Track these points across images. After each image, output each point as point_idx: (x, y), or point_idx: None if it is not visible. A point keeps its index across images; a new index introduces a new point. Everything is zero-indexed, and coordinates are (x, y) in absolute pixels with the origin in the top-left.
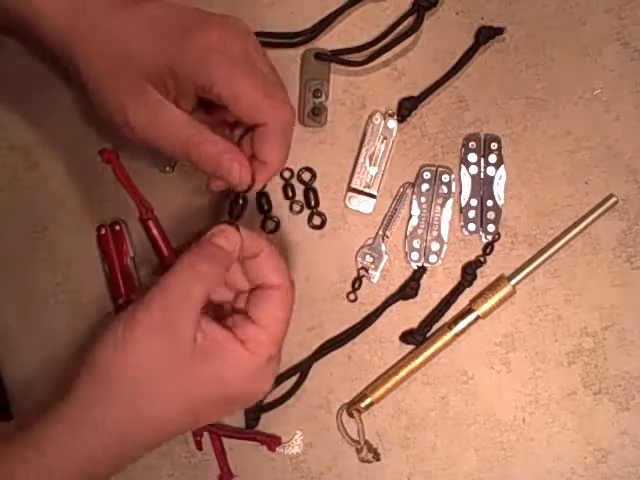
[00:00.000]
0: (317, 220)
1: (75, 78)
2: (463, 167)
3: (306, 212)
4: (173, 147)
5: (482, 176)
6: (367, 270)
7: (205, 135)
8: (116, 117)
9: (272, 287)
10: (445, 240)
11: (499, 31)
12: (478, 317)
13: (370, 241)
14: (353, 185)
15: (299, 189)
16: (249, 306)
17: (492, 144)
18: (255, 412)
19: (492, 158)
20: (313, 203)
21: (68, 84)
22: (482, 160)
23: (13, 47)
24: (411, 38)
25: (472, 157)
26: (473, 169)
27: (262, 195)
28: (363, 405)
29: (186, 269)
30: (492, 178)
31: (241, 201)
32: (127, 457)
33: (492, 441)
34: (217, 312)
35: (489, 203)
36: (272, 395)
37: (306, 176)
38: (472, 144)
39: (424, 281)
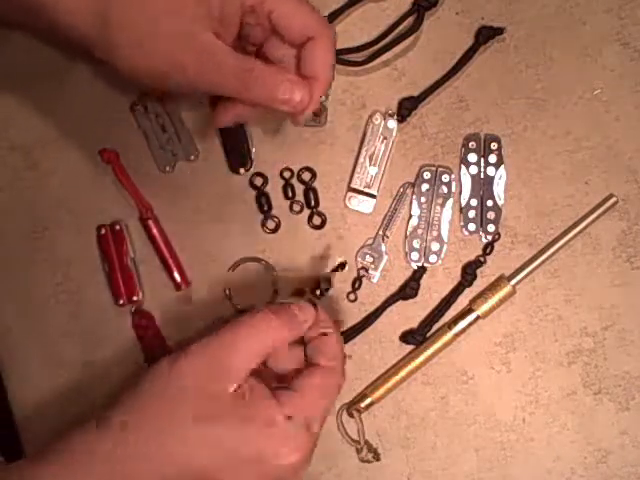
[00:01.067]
0: (317, 220)
1: (106, 37)
2: (463, 167)
3: (306, 212)
4: (227, 81)
5: (482, 176)
6: (367, 270)
7: (257, 62)
8: (165, 63)
9: (322, 367)
10: (445, 240)
11: (499, 31)
12: (478, 317)
13: (370, 241)
14: (353, 185)
15: (299, 189)
16: (294, 380)
17: (492, 144)
18: None
19: (492, 158)
20: (313, 203)
21: (83, 61)
22: (482, 160)
23: (13, 47)
24: (411, 38)
25: (472, 157)
26: (473, 169)
27: (262, 195)
28: (363, 405)
29: (259, 318)
30: (492, 178)
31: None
32: None
33: (492, 441)
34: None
35: (489, 203)
36: None
37: (306, 176)
38: (472, 144)
39: (424, 281)
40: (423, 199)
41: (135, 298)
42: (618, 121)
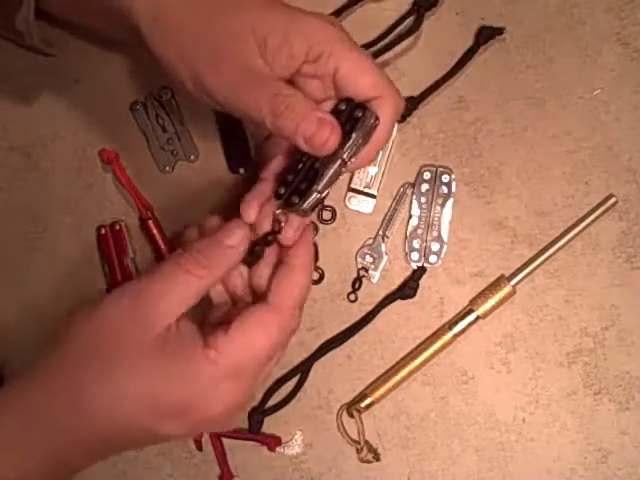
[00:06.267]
0: (327, 215)
1: (150, 33)
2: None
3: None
4: (258, 100)
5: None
6: (367, 270)
7: (296, 91)
8: (205, 71)
9: (270, 305)
10: (445, 240)
11: (499, 31)
12: (478, 317)
13: (370, 241)
14: (353, 185)
15: None
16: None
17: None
18: (259, 415)
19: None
20: None
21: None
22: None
23: (14, 47)
24: (411, 38)
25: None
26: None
27: None
28: (363, 405)
29: (177, 271)
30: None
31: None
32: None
33: (492, 441)
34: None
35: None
36: (274, 397)
37: None
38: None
39: (424, 281)
40: (423, 199)
41: None
42: (618, 121)
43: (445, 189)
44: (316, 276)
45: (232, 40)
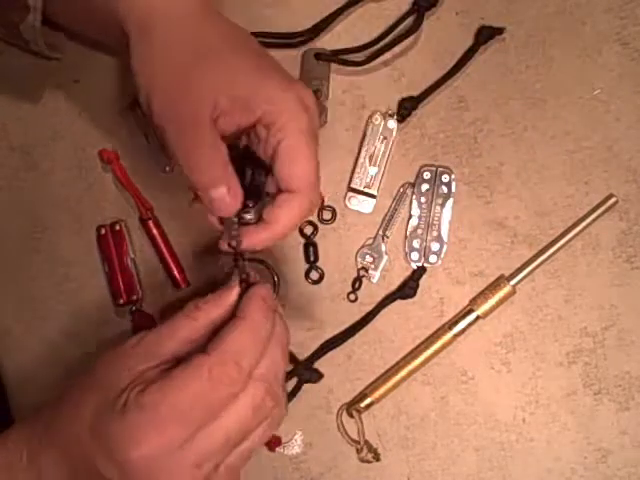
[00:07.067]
0: (327, 215)
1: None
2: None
3: None
4: (181, 147)
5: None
6: (367, 270)
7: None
8: (158, 101)
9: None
10: (445, 240)
11: (499, 31)
12: (478, 317)
13: (370, 241)
14: (353, 185)
15: None
16: None
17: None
18: None
19: (443, 189)
20: None
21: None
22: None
23: (13, 48)
24: (411, 38)
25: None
26: (423, 199)
27: None
28: (363, 405)
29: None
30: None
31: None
32: None
33: (492, 441)
34: None
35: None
36: None
37: None
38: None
39: (424, 281)
40: (423, 199)
41: (135, 298)
42: (618, 121)
43: (445, 189)
44: (316, 276)
45: (194, 97)
